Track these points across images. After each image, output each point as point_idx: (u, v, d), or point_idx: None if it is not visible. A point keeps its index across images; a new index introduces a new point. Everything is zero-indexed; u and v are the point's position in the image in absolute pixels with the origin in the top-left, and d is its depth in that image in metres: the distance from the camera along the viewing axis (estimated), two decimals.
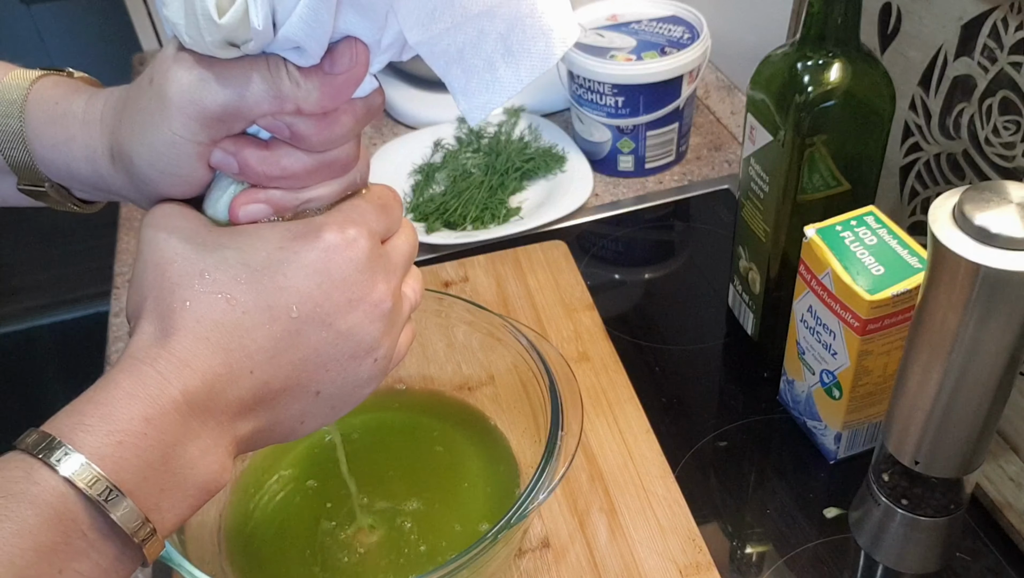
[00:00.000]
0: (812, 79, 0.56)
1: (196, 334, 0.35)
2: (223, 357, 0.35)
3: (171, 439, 0.34)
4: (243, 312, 0.36)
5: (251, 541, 0.56)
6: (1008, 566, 0.56)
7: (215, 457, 0.35)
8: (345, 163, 0.38)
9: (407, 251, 0.42)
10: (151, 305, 0.36)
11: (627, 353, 0.71)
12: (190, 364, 0.34)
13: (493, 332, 0.60)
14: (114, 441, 0.32)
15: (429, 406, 0.64)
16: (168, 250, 0.36)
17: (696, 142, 0.97)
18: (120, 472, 0.32)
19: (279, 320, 0.36)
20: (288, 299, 0.36)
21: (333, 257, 0.37)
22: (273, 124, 0.35)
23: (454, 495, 0.58)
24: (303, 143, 0.36)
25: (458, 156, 0.93)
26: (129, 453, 0.32)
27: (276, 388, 0.37)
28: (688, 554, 0.57)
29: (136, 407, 0.33)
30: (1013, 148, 0.56)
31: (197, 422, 0.35)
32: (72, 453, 0.31)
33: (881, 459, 0.54)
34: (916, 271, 0.54)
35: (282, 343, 0.36)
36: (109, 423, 0.32)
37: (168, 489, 0.34)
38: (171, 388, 0.34)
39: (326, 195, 0.39)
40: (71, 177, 0.41)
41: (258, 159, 0.36)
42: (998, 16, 0.55)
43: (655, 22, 0.91)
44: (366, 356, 0.39)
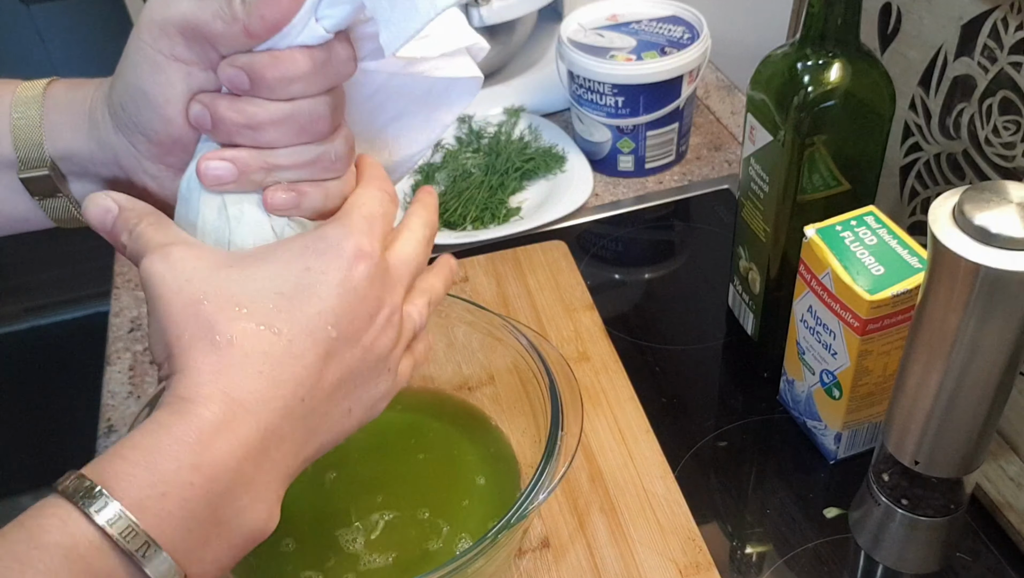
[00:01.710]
0: (812, 79, 0.56)
1: (247, 370, 0.34)
2: (278, 390, 0.34)
3: (221, 488, 0.32)
4: (289, 340, 0.35)
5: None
6: (1008, 566, 0.56)
7: (265, 504, 0.34)
8: (313, 122, 0.37)
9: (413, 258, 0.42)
10: (188, 343, 0.34)
11: (627, 353, 0.71)
12: (246, 404, 0.33)
13: (493, 332, 0.60)
14: (158, 492, 0.31)
15: (429, 406, 0.63)
16: (196, 286, 0.35)
17: (696, 142, 0.97)
18: (161, 525, 0.31)
19: (321, 343, 0.36)
20: (326, 320, 0.36)
21: (356, 270, 0.37)
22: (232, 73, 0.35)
23: (454, 495, 0.58)
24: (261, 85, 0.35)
25: (458, 156, 0.93)
26: (173, 505, 0.31)
27: (320, 413, 0.37)
28: (688, 554, 0.57)
29: (185, 455, 0.32)
30: (1013, 148, 0.56)
31: (251, 466, 0.33)
32: (111, 502, 0.30)
33: (881, 459, 0.54)
34: (916, 271, 0.54)
35: (325, 365, 0.36)
36: (153, 473, 0.31)
37: (212, 541, 0.33)
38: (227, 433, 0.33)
39: (293, 163, 0.38)
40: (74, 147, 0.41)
41: (227, 106, 0.36)
42: (998, 16, 0.55)
43: (655, 22, 0.91)
44: (388, 369, 0.40)
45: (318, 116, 0.37)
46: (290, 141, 0.37)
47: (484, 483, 0.58)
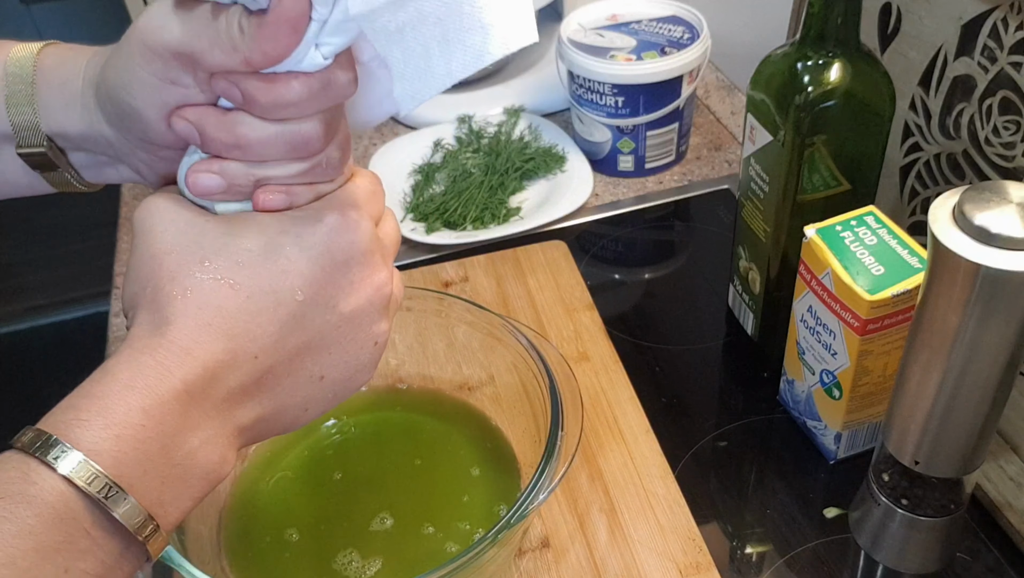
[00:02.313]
0: (812, 79, 0.56)
1: (198, 321, 0.34)
2: (226, 343, 0.35)
3: (171, 429, 0.33)
4: (247, 296, 0.35)
5: (251, 541, 0.56)
6: (1008, 566, 0.56)
7: (216, 446, 0.35)
8: (305, 142, 0.36)
9: (393, 235, 0.42)
10: (150, 295, 0.35)
11: (627, 353, 0.71)
12: (192, 352, 0.34)
13: (493, 332, 0.60)
14: (112, 435, 0.32)
15: (429, 406, 0.64)
16: (166, 239, 0.36)
17: (696, 142, 0.97)
18: (119, 467, 0.32)
19: (284, 304, 0.36)
20: (293, 282, 0.36)
21: (336, 239, 0.37)
22: (225, 86, 0.35)
23: (454, 495, 0.58)
24: (254, 107, 0.35)
25: (458, 156, 0.93)
26: (128, 446, 0.32)
27: (280, 373, 0.37)
28: (688, 554, 0.57)
29: (134, 398, 0.33)
30: (1013, 148, 0.56)
31: (198, 411, 0.34)
32: (69, 450, 0.31)
33: (881, 459, 0.54)
34: (916, 271, 0.54)
35: (287, 327, 0.36)
36: (106, 417, 0.32)
37: (170, 481, 0.34)
38: (171, 377, 0.33)
39: (283, 175, 0.37)
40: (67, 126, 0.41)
41: (215, 125, 0.36)
42: (998, 16, 0.55)
43: (655, 22, 0.91)
44: (366, 338, 0.39)
45: (309, 138, 0.37)
46: (281, 157, 0.37)
47: (483, 483, 0.58)
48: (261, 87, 0.34)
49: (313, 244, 0.36)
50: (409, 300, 0.62)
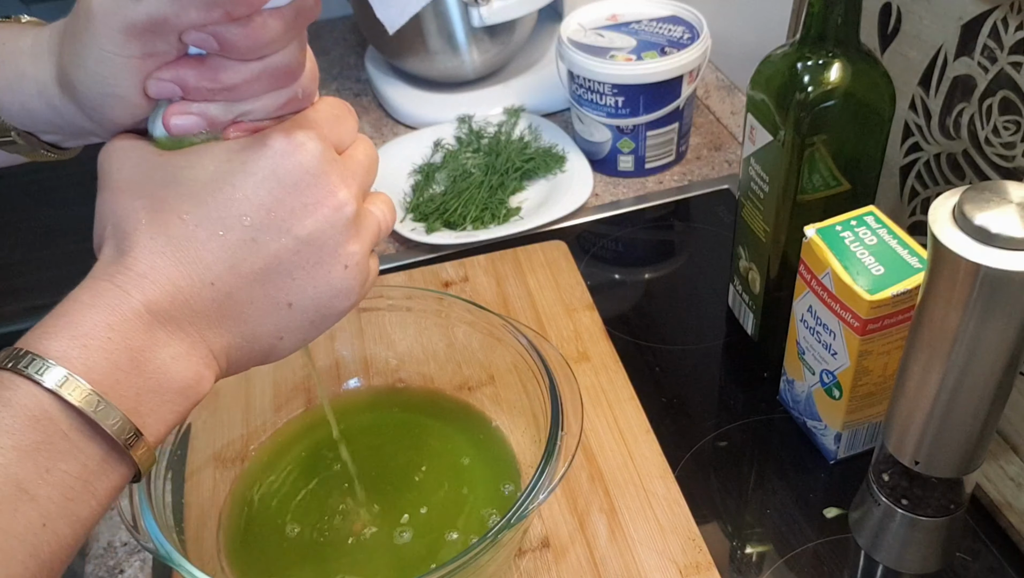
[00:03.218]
0: (812, 79, 0.56)
1: (151, 250, 0.35)
2: (181, 269, 0.35)
3: (137, 344, 0.34)
4: (196, 225, 0.35)
5: (250, 541, 0.56)
6: (1008, 566, 0.56)
7: (189, 363, 0.36)
8: (288, 71, 0.37)
9: (365, 161, 0.41)
10: (110, 232, 0.36)
11: (627, 353, 0.71)
12: (148, 276, 0.35)
13: (493, 332, 0.60)
14: (79, 344, 0.33)
15: (429, 406, 0.64)
16: (121, 177, 0.37)
17: (696, 142, 0.97)
18: (90, 373, 0.32)
19: (232, 229, 0.36)
20: (239, 208, 0.36)
21: (282, 162, 0.36)
22: (200, 38, 0.34)
23: (454, 495, 0.58)
24: (234, 53, 0.35)
25: (458, 156, 0.93)
26: (96, 355, 0.33)
27: (242, 300, 0.37)
28: (688, 554, 0.57)
29: (97, 316, 0.34)
30: (1013, 148, 0.56)
31: (163, 332, 0.35)
32: (38, 358, 0.32)
33: (881, 459, 0.54)
34: (916, 271, 0.54)
35: (239, 253, 0.36)
36: (72, 329, 0.33)
37: (144, 393, 0.34)
38: (131, 298, 0.34)
39: (263, 108, 0.37)
40: (29, 117, 0.41)
41: (196, 76, 0.36)
42: (998, 16, 0.55)
43: (655, 22, 0.91)
44: (334, 261, 0.38)
45: (290, 65, 0.37)
46: (264, 92, 0.37)
47: (483, 482, 0.58)
48: (239, 33, 0.34)
49: (259, 168, 0.36)
50: (409, 300, 0.62)
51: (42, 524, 0.31)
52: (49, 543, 0.32)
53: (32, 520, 0.31)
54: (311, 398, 0.64)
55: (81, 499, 0.33)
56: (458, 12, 0.94)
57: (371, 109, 1.06)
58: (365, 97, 1.08)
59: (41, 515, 0.31)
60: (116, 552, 0.60)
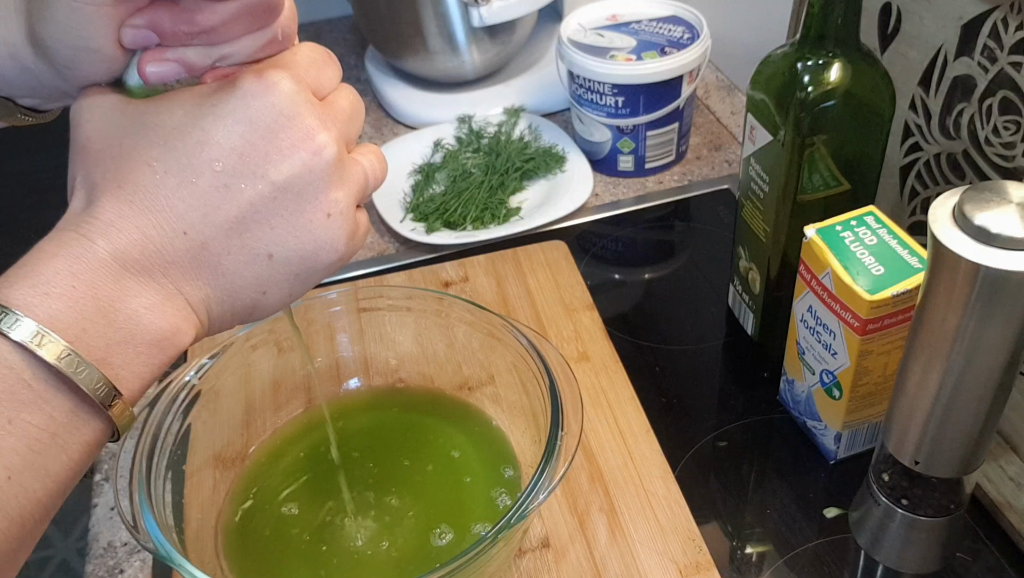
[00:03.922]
0: (812, 79, 0.56)
1: (119, 198, 0.34)
2: (151, 218, 0.34)
3: (105, 294, 0.33)
4: (165, 172, 0.34)
5: (250, 541, 0.56)
6: (1008, 566, 0.56)
7: (163, 314, 0.34)
8: (267, 8, 0.35)
9: (348, 108, 0.39)
10: (79, 184, 0.35)
11: (627, 353, 0.71)
12: (115, 224, 0.33)
13: (493, 332, 0.60)
14: (40, 292, 0.31)
15: (429, 406, 0.64)
16: (90, 129, 0.35)
17: (696, 142, 0.97)
18: (53, 322, 0.31)
19: (203, 175, 0.34)
20: (210, 153, 0.34)
21: (253, 104, 0.35)
22: None
23: (454, 495, 0.58)
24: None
25: (458, 156, 0.93)
26: (59, 303, 0.31)
27: (218, 250, 0.35)
28: (688, 554, 0.57)
29: (60, 264, 0.32)
30: (1013, 148, 0.56)
31: (133, 281, 0.34)
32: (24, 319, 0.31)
33: (881, 459, 0.54)
34: (916, 271, 0.54)
35: (212, 200, 0.35)
36: (32, 278, 0.32)
37: (115, 344, 0.33)
38: (96, 247, 0.33)
39: (242, 50, 0.36)
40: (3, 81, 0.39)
41: (171, 20, 0.34)
42: (998, 16, 0.55)
43: (655, 22, 0.91)
44: (315, 209, 0.36)
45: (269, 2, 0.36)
46: (243, 33, 0.36)
47: (483, 483, 0.58)
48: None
49: (229, 111, 0.35)
50: (409, 300, 0.62)
51: (7, 477, 0.30)
52: (17, 497, 0.30)
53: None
54: (311, 398, 0.64)
55: (49, 452, 0.31)
56: (458, 12, 0.94)
57: (371, 109, 1.06)
58: (365, 97, 1.08)
59: (5, 467, 0.30)
60: (116, 552, 0.60)
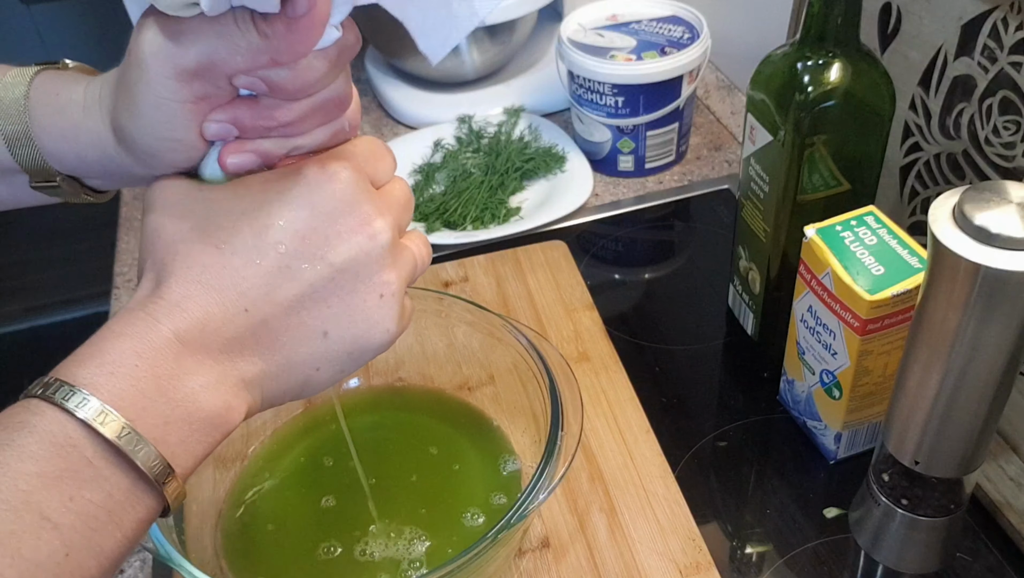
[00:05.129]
0: (812, 79, 0.56)
1: (186, 278, 0.36)
2: (215, 296, 0.36)
3: (165, 373, 0.34)
4: (232, 253, 0.36)
5: (250, 540, 0.56)
6: (1008, 566, 0.56)
7: (218, 393, 0.36)
8: (337, 103, 0.38)
9: (401, 198, 0.41)
10: (148, 266, 0.37)
11: (627, 353, 0.71)
12: (180, 305, 0.35)
13: (493, 332, 0.60)
14: (106, 372, 0.33)
15: (429, 406, 0.64)
16: (162, 215, 0.37)
17: (696, 142, 0.97)
18: (116, 400, 0.32)
19: (268, 256, 0.36)
20: (275, 236, 0.36)
21: (316, 191, 0.37)
22: (250, 82, 0.36)
23: (454, 495, 0.58)
24: (283, 94, 0.36)
25: (458, 156, 0.93)
26: (123, 382, 0.33)
27: (276, 327, 0.37)
28: (688, 554, 0.57)
29: (126, 344, 0.34)
30: (1013, 148, 0.56)
31: (192, 360, 0.35)
32: (66, 385, 0.32)
33: (881, 459, 0.54)
34: (916, 271, 0.54)
35: (275, 280, 0.36)
36: (99, 357, 0.33)
37: (172, 422, 0.34)
38: (161, 327, 0.35)
39: (314, 140, 0.39)
40: (82, 165, 0.41)
41: (252, 116, 0.37)
42: (998, 16, 0.55)
43: (655, 22, 0.91)
44: (369, 290, 0.38)
45: (339, 98, 0.38)
46: (316, 126, 0.38)
47: (483, 483, 0.58)
48: (287, 75, 0.35)
49: (293, 197, 0.37)
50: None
51: (65, 553, 0.31)
52: (72, 574, 0.31)
53: (55, 549, 0.30)
54: (311, 399, 0.64)
55: (106, 530, 0.32)
56: None
57: (371, 109, 1.06)
58: (365, 97, 1.08)
59: (64, 544, 0.31)
60: None
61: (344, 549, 0.55)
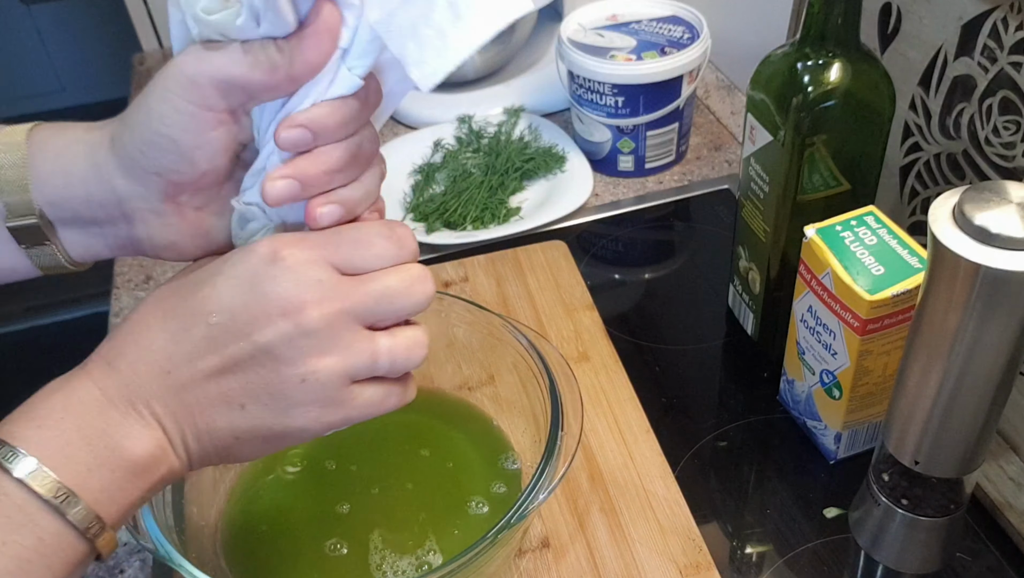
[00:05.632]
0: (812, 79, 0.56)
1: (124, 338, 0.38)
2: (144, 357, 0.38)
3: (89, 422, 0.36)
4: (172, 318, 0.38)
5: (249, 540, 0.56)
6: (1008, 566, 0.56)
7: (144, 445, 0.37)
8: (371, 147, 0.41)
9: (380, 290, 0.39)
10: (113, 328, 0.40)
11: (627, 353, 0.71)
12: (112, 362, 0.38)
13: (493, 332, 0.60)
14: (34, 425, 0.35)
15: (429, 406, 0.63)
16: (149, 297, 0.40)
17: (696, 142, 0.97)
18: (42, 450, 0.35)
19: (198, 325, 0.38)
20: (209, 306, 0.38)
21: (260, 271, 0.38)
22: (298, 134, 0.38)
23: (453, 494, 0.58)
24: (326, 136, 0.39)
25: (458, 156, 0.93)
26: (48, 434, 0.35)
27: (197, 393, 0.38)
28: (688, 554, 0.57)
29: (56, 398, 0.37)
30: (1013, 148, 0.56)
31: (117, 412, 0.37)
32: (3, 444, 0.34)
33: (881, 459, 0.54)
34: (916, 271, 0.54)
35: (200, 348, 0.38)
36: (29, 411, 0.36)
37: (95, 469, 0.36)
38: (89, 381, 0.37)
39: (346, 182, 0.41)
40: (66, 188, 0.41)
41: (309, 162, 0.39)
42: (998, 16, 0.55)
43: (655, 22, 0.91)
44: (289, 374, 0.38)
45: (372, 140, 0.41)
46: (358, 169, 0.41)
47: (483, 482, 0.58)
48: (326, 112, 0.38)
49: (237, 273, 0.38)
50: None
51: None
52: None
53: None
54: None
55: (36, 571, 0.34)
56: None
57: None
58: None
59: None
60: (116, 552, 0.60)
61: (344, 547, 0.55)
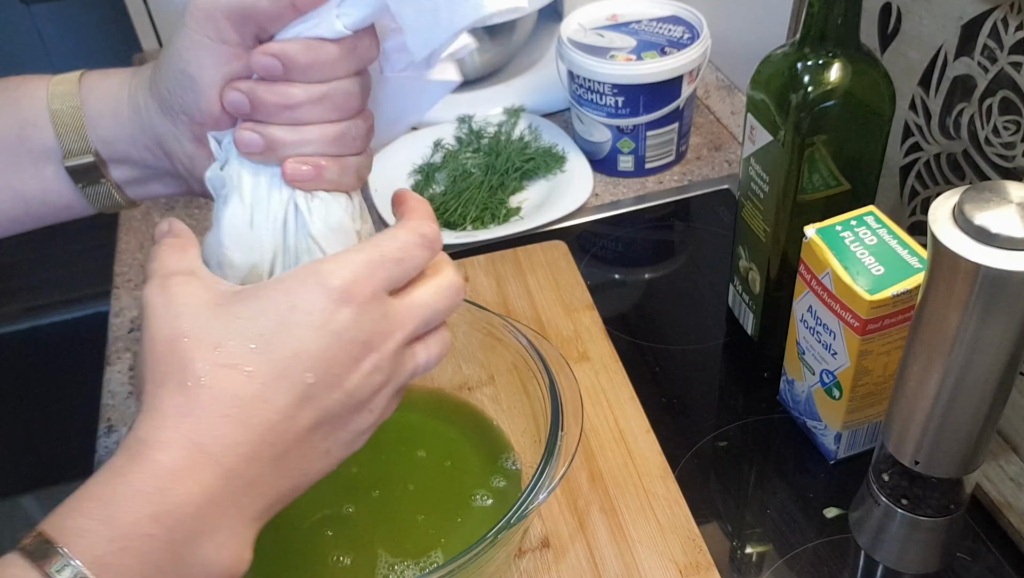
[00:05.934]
0: (812, 79, 0.56)
1: (213, 413, 0.34)
2: (244, 434, 0.34)
3: (182, 537, 0.32)
4: (262, 384, 0.35)
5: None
6: (1008, 566, 0.56)
7: (231, 550, 0.34)
8: (345, 100, 0.40)
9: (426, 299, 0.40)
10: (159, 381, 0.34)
11: (627, 353, 0.71)
12: (209, 449, 0.33)
13: (493, 332, 0.60)
14: (117, 547, 0.31)
15: (429, 406, 0.63)
16: (180, 323, 0.35)
17: (696, 142, 0.97)
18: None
19: (296, 387, 0.36)
20: (303, 365, 0.36)
21: (340, 317, 0.36)
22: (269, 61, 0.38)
23: (453, 495, 0.58)
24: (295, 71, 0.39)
25: (458, 156, 0.93)
26: (133, 559, 0.31)
27: (294, 455, 0.36)
28: (688, 554, 0.57)
29: (143, 505, 0.31)
30: (1013, 148, 0.56)
31: (215, 512, 0.33)
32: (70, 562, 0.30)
33: (881, 459, 0.54)
34: (916, 271, 0.54)
35: (299, 409, 0.36)
36: (111, 527, 0.31)
37: None
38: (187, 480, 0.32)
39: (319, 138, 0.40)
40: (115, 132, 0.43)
41: (265, 89, 0.39)
42: (998, 16, 0.55)
43: (655, 22, 0.91)
44: (366, 411, 0.39)
45: (351, 95, 0.40)
46: (322, 119, 0.40)
47: (483, 482, 0.58)
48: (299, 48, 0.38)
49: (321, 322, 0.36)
50: None
51: None
52: None
53: None
54: None
55: None
56: None
57: None
58: None
59: None
60: None
61: (344, 547, 0.55)
